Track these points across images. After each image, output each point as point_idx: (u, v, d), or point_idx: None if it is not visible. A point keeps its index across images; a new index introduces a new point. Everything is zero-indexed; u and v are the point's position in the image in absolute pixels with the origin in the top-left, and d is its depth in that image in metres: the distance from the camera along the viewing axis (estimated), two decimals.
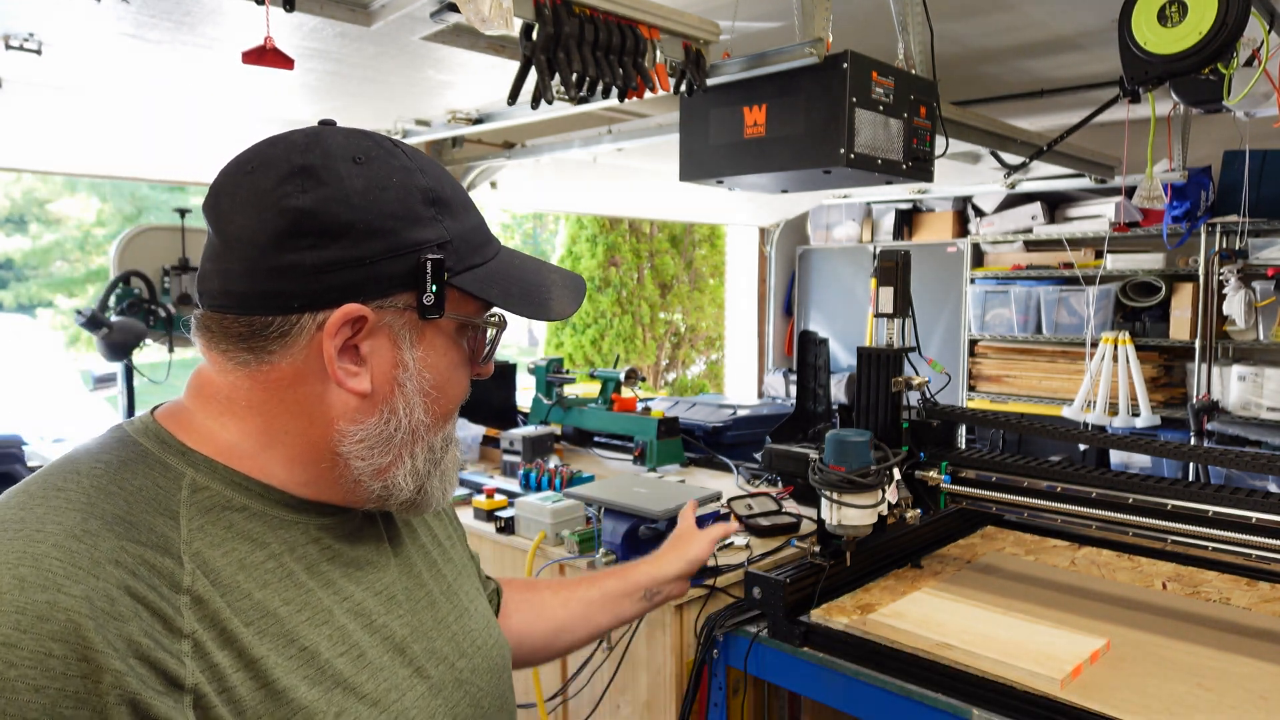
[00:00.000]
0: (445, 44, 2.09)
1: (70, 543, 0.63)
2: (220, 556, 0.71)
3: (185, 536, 0.70)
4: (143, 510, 0.69)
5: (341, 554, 0.81)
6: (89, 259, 12.99)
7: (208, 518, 0.72)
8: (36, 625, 0.58)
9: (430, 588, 0.90)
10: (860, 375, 2.06)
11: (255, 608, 0.71)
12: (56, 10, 1.92)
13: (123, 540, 0.65)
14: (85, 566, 0.62)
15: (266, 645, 0.70)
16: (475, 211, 0.85)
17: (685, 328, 9.11)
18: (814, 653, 1.62)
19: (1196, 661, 1.47)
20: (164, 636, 0.64)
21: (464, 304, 0.82)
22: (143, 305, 3.05)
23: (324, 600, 0.77)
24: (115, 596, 0.62)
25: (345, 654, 0.76)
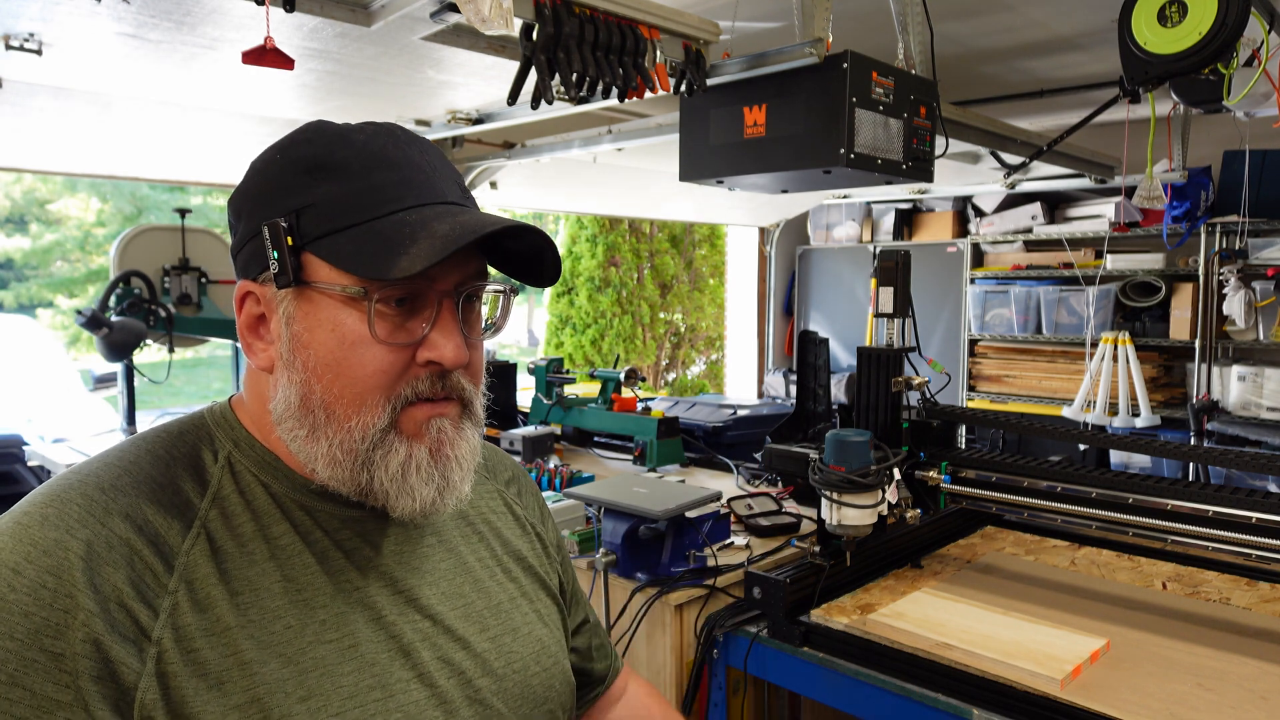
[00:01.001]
0: (445, 44, 2.09)
1: (95, 493, 0.72)
2: (228, 530, 0.75)
3: (205, 505, 0.75)
4: (179, 476, 0.76)
5: (361, 550, 0.81)
6: (89, 259, 13.00)
7: (234, 491, 0.77)
8: (41, 558, 0.67)
9: (470, 600, 0.87)
10: (860, 375, 2.06)
11: (247, 581, 0.74)
12: (56, 10, 1.92)
13: (142, 500, 0.73)
14: (98, 515, 0.70)
15: (249, 617, 0.72)
16: (387, 171, 0.76)
17: (685, 328, 9.11)
18: (814, 653, 1.62)
19: (1196, 661, 1.47)
20: (147, 590, 0.69)
21: (336, 274, 0.75)
22: (143, 305, 3.05)
23: (326, 587, 0.77)
24: (114, 544, 0.69)
25: (335, 642, 0.75)
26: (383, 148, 0.78)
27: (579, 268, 8.56)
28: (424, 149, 0.82)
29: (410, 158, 0.79)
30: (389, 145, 0.79)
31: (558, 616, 1.00)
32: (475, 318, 0.83)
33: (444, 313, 0.77)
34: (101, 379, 4.55)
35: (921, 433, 2.06)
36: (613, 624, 1.90)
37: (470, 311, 0.82)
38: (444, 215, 0.76)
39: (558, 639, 0.97)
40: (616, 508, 1.90)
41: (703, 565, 1.89)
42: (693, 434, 3.29)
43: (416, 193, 0.77)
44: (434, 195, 0.78)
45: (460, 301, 0.79)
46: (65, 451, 3.09)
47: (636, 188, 4.43)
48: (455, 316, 0.78)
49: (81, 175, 4.63)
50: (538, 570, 0.99)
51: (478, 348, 0.84)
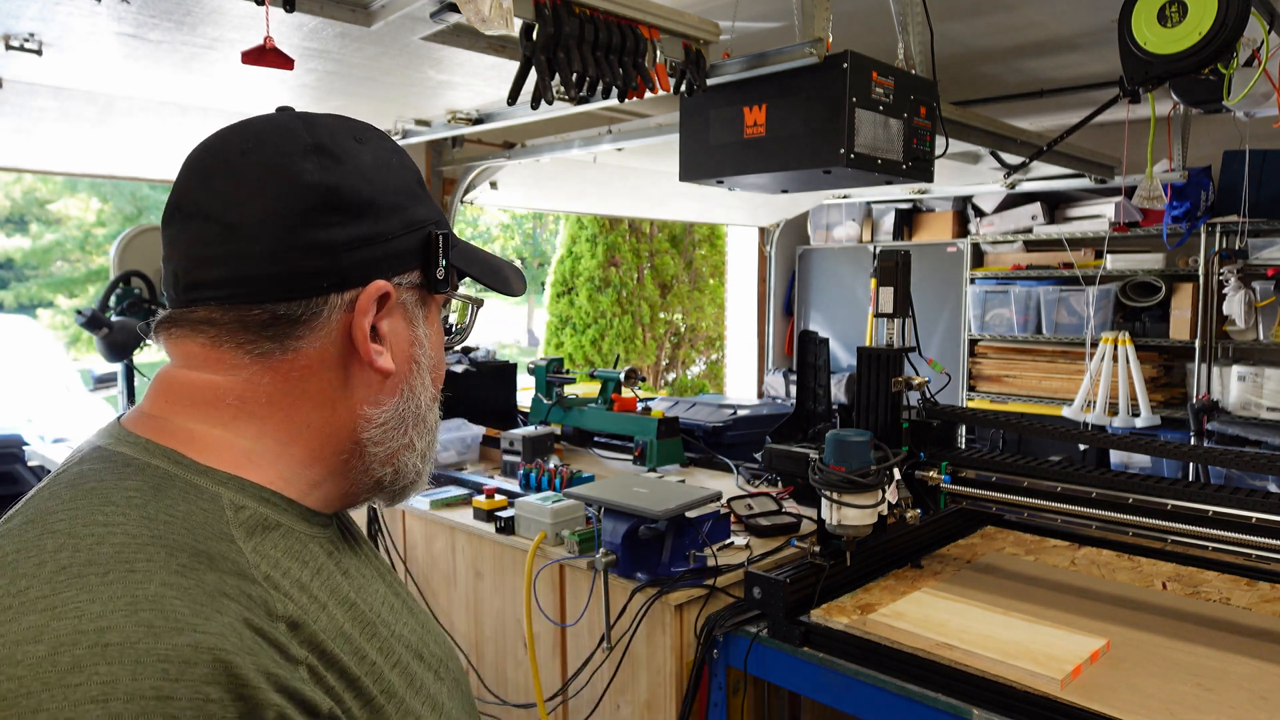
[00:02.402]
0: (445, 44, 2.09)
1: (177, 579, 0.56)
2: (282, 578, 0.65)
3: (251, 560, 0.64)
4: (205, 538, 0.62)
5: (345, 564, 0.77)
6: (89, 259, 13.00)
7: (256, 539, 0.66)
8: (187, 671, 0.52)
9: (401, 594, 0.86)
10: (860, 375, 2.06)
11: (332, 627, 0.66)
12: (56, 10, 1.92)
13: (215, 571, 0.59)
14: (205, 601, 0.56)
15: (353, 662, 0.66)
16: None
17: (685, 328, 9.11)
18: (814, 653, 1.62)
19: (1196, 661, 1.47)
20: (286, 665, 0.59)
21: (461, 285, 0.85)
22: (143, 305, 3.05)
23: (360, 599, 0.74)
24: (240, 629, 0.57)
25: (396, 666, 0.73)
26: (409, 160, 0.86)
27: (579, 268, 8.56)
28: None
29: None
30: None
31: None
32: None
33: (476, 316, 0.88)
34: (101, 379, 4.54)
35: (921, 433, 2.06)
36: (613, 624, 1.90)
37: None
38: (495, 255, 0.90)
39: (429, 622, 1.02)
40: (616, 508, 1.90)
41: (703, 565, 1.89)
42: (693, 434, 3.29)
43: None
44: None
45: None
46: (65, 451, 3.08)
47: (636, 188, 4.43)
48: None
49: (81, 175, 4.63)
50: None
51: None
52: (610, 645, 1.92)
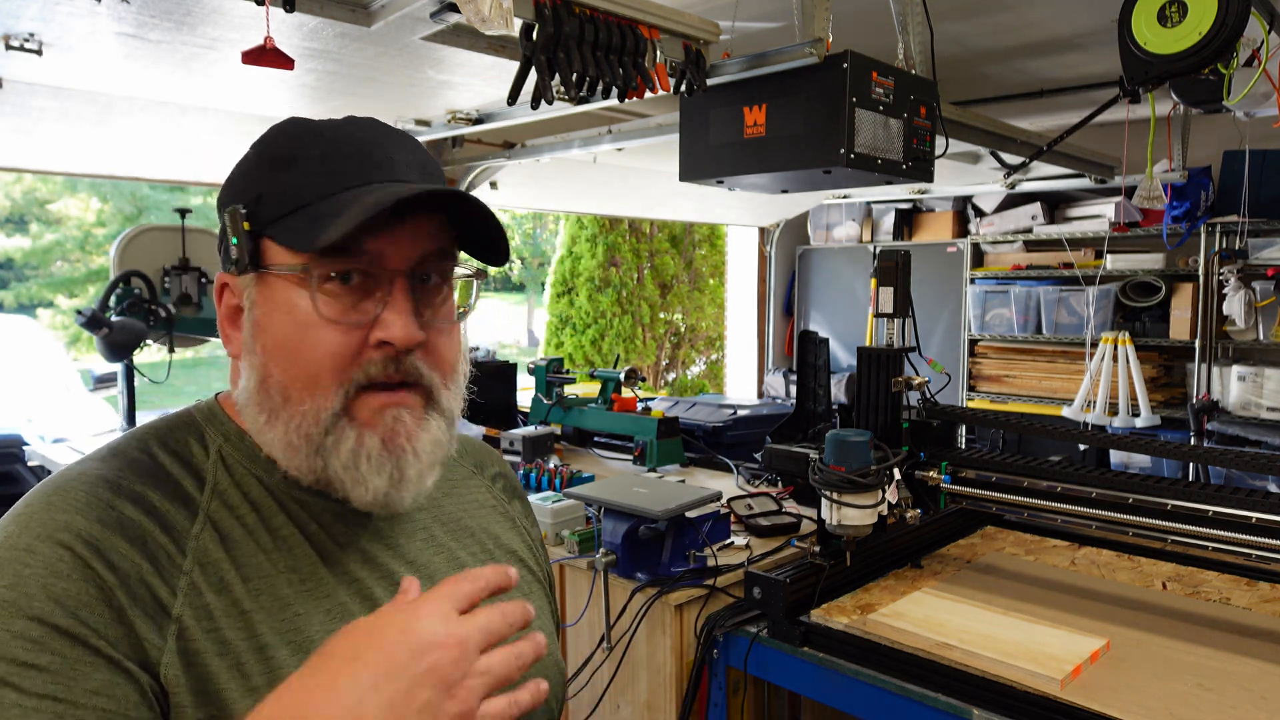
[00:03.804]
0: (445, 44, 2.09)
1: (98, 481, 0.72)
2: (233, 519, 0.76)
3: (205, 497, 0.76)
4: (174, 469, 0.76)
5: (357, 544, 0.81)
6: (89, 259, 13.01)
7: (230, 485, 0.78)
8: (54, 535, 0.67)
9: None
10: (860, 375, 2.06)
11: (257, 568, 0.74)
12: (56, 10, 1.92)
13: (148, 488, 0.73)
14: (105, 499, 0.70)
15: (261, 603, 0.73)
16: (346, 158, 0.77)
17: (685, 328, 9.11)
18: (814, 653, 1.62)
19: (1196, 661, 1.47)
20: (164, 568, 0.70)
21: (288, 256, 0.76)
22: (143, 305, 3.05)
23: (329, 579, 0.78)
24: (126, 524, 0.70)
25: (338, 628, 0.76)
26: (348, 136, 0.78)
27: (579, 268, 8.56)
28: (393, 137, 0.81)
29: (374, 142, 0.79)
30: (355, 133, 0.79)
31: (549, 612, 1.00)
32: (440, 301, 0.81)
33: (395, 291, 0.76)
34: (101, 379, 4.55)
35: (921, 433, 2.06)
36: (613, 624, 1.90)
37: (434, 294, 0.80)
38: (385, 189, 0.74)
39: (551, 634, 0.97)
40: (616, 508, 1.90)
41: (703, 565, 1.89)
42: (693, 434, 3.29)
43: (370, 174, 0.77)
44: (389, 176, 0.77)
45: (418, 283, 0.78)
46: (65, 451, 3.09)
47: (636, 188, 4.43)
48: (408, 295, 0.76)
49: (81, 175, 4.63)
50: (530, 565, 0.98)
51: (444, 333, 0.81)
52: (610, 645, 1.92)
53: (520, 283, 17.25)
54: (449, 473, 0.94)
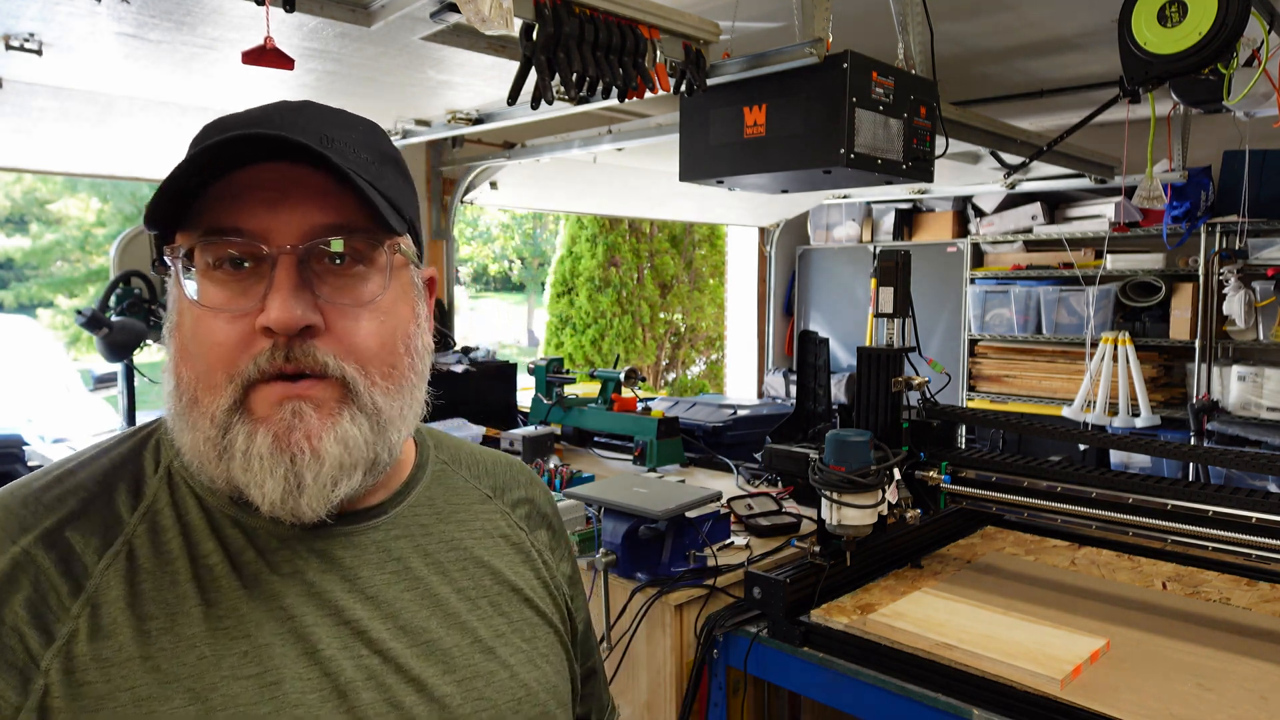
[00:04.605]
0: (445, 44, 2.09)
1: (17, 507, 0.68)
2: (154, 547, 0.69)
3: (134, 520, 0.70)
4: (115, 486, 0.71)
5: (302, 573, 0.72)
6: (89, 259, 13.01)
7: (168, 504, 0.72)
8: None
9: (436, 636, 0.76)
10: (860, 375, 2.06)
11: (164, 605, 0.67)
12: (56, 10, 1.92)
13: (65, 513, 0.68)
14: (11, 532, 0.67)
15: (160, 645, 0.66)
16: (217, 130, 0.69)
17: (685, 328, 9.11)
18: (814, 653, 1.62)
19: (1196, 661, 1.47)
20: (47, 614, 0.65)
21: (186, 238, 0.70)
22: (143, 305, 3.05)
23: (253, 614, 0.69)
24: (21, 564, 0.65)
25: (254, 678, 0.67)
26: (245, 113, 0.71)
27: (579, 268, 8.57)
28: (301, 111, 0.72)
29: (265, 116, 0.71)
30: (255, 110, 0.72)
31: (560, 658, 0.87)
32: (353, 282, 0.71)
33: (277, 271, 0.67)
34: (101, 379, 4.53)
35: (921, 433, 2.06)
36: (613, 624, 1.90)
37: (345, 275, 0.71)
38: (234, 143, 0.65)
39: (552, 684, 0.84)
40: (616, 508, 1.90)
41: (703, 565, 1.89)
42: (693, 434, 3.29)
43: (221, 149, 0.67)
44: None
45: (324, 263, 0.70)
46: (65, 451, 3.08)
47: (636, 188, 4.43)
48: (293, 275, 0.67)
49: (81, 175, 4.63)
50: (539, 605, 0.86)
51: (354, 317, 0.71)
52: (610, 645, 1.92)
53: (520, 283, 17.24)
54: (453, 494, 0.86)
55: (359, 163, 0.71)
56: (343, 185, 0.68)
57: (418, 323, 0.77)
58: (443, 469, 0.88)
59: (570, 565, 0.95)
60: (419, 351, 0.77)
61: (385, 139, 0.78)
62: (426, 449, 0.89)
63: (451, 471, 0.89)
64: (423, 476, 0.85)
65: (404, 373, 0.74)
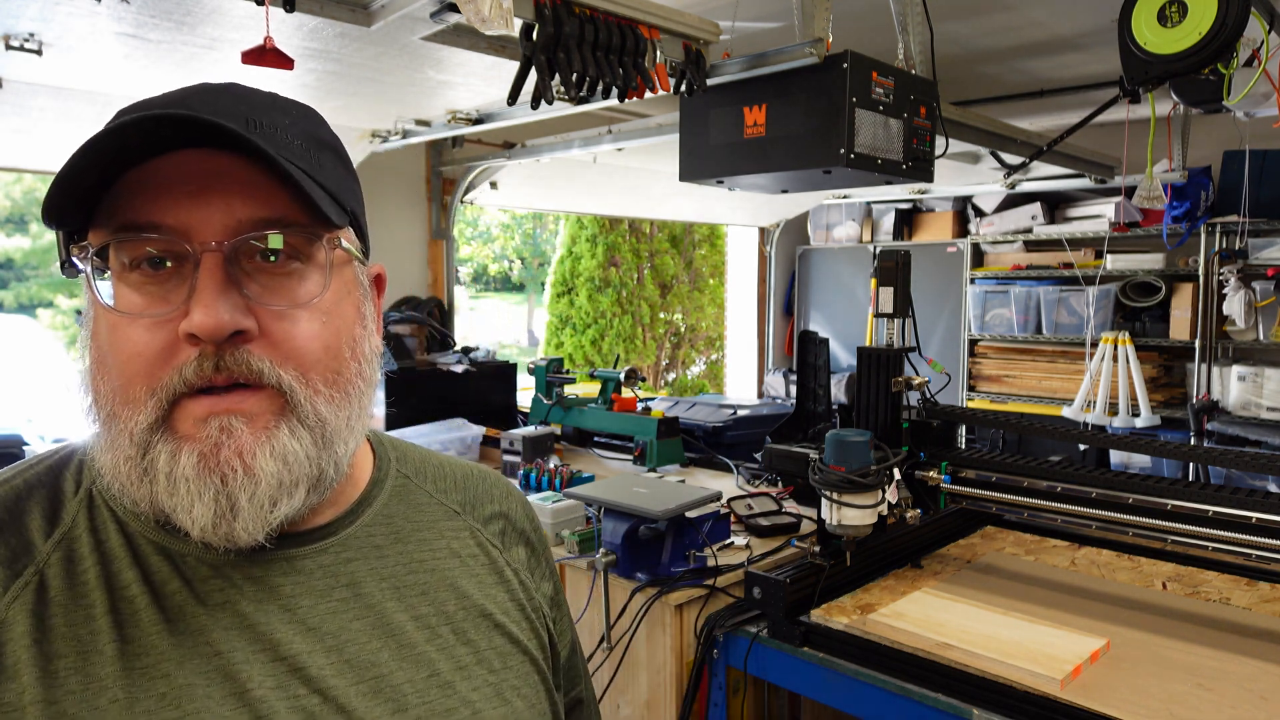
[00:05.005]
0: (445, 44, 2.09)
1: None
2: (67, 579, 0.63)
3: (48, 548, 0.64)
4: (29, 512, 0.65)
5: (234, 604, 0.65)
6: None
7: (86, 530, 0.65)
8: None
9: (387, 671, 0.69)
10: (860, 375, 2.06)
11: (75, 642, 0.61)
12: (56, 10, 1.92)
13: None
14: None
15: (67, 688, 0.59)
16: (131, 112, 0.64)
17: (685, 328, 9.11)
18: (814, 653, 1.62)
19: (1196, 661, 1.47)
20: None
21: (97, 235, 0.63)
22: None
23: (173, 652, 0.62)
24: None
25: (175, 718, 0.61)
26: (162, 96, 0.67)
27: (579, 268, 8.57)
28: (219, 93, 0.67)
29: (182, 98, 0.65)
30: (173, 93, 0.67)
31: (535, 689, 0.79)
32: (288, 281, 0.65)
33: (200, 271, 0.61)
34: None
35: (921, 433, 2.06)
36: (613, 624, 1.90)
37: (279, 274, 0.64)
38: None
39: (525, 719, 0.76)
40: (616, 508, 1.90)
41: (703, 565, 1.89)
42: (693, 434, 3.29)
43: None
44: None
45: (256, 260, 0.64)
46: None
47: (636, 188, 4.43)
48: (219, 275, 0.61)
49: None
50: (512, 630, 0.79)
51: (292, 319, 0.64)
52: (610, 645, 1.92)
53: (520, 283, 17.25)
54: (414, 510, 0.79)
55: (292, 150, 0.65)
56: (275, 175, 0.62)
57: (364, 324, 0.71)
58: (404, 483, 0.81)
59: (552, 585, 0.89)
60: (366, 356, 0.70)
61: (323, 125, 0.72)
62: (386, 461, 0.81)
63: (414, 486, 0.82)
64: (379, 493, 0.78)
65: (350, 379, 0.68)
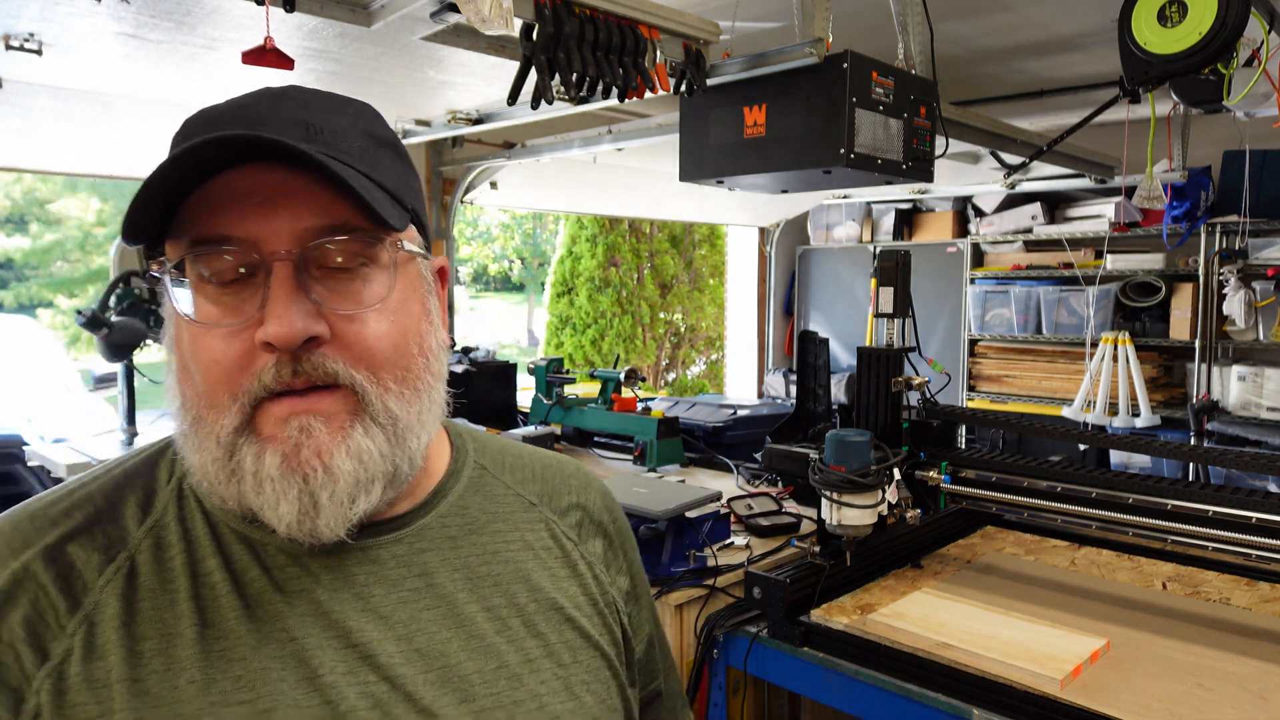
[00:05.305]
0: (445, 44, 2.09)
1: (25, 523, 0.67)
2: (157, 564, 0.67)
3: (140, 534, 0.68)
4: (126, 500, 0.69)
5: (310, 591, 0.68)
6: (89, 259, 13.01)
7: (175, 518, 0.69)
8: None
9: (456, 661, 0.70)
10: (860, 375, 2.06)
11: (159, 625, 0.64)
12: (56, 10, 1.92)
13: (69, 529, 0.67)
14: (15, 548, 0.66)
15: (151, 667, 0.63)
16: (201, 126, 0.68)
17: (685, 328, 9.11)
18: (814, 653, 1.62)
19: (1196, 661, 1.47)
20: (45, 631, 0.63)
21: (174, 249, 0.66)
22: (143, 305, 3.05)
23: (250, 637, 0.65)
24: (21, 581, 0.64)
25: (247, 704, 0.63)
26: (226, 104, 0.68)
27: (579, 268, 8.56)
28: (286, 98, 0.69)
29: (246, 107, 0.68)
30: (236, 101, 0.69)
31: (605, 684, 0.79)
32: (356, 283, 0.67)
33: (272, 280, 0.63)
34: (101, 379, 4.53)
35: (921, 433, 2.06)
36: None
37: (345, 278, 0.66)
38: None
39: (592, 716, 0.76)
40: None
41: (703, 565, 1.89)
42: (693, 434, 3.29)
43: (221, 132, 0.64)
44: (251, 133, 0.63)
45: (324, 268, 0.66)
46: (65, 451, 3.08)
47: (636, 188, 4.43)
48: (290, 284, 0.63)
49: (81, 175, 4.63)
50: (583, 624, 0.79)
51: (360, 321, 0.66)
52: None
53: (520, 283, 17.25)
54: (490, 502, 0.81)
55: (352, 152, 0.67)
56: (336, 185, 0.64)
57: (430, 319, 0.73)
58: (480, 474, 0.82)
59: (628, 579, 0.88)
60: (433, 350, 0.72)
61: (379, 121, 0.73)
62: (464, 453, 0.83)
63: (491, 477, 0.83)
64: (455, 484, 0.80)
65: (419, 374, 0.70)
